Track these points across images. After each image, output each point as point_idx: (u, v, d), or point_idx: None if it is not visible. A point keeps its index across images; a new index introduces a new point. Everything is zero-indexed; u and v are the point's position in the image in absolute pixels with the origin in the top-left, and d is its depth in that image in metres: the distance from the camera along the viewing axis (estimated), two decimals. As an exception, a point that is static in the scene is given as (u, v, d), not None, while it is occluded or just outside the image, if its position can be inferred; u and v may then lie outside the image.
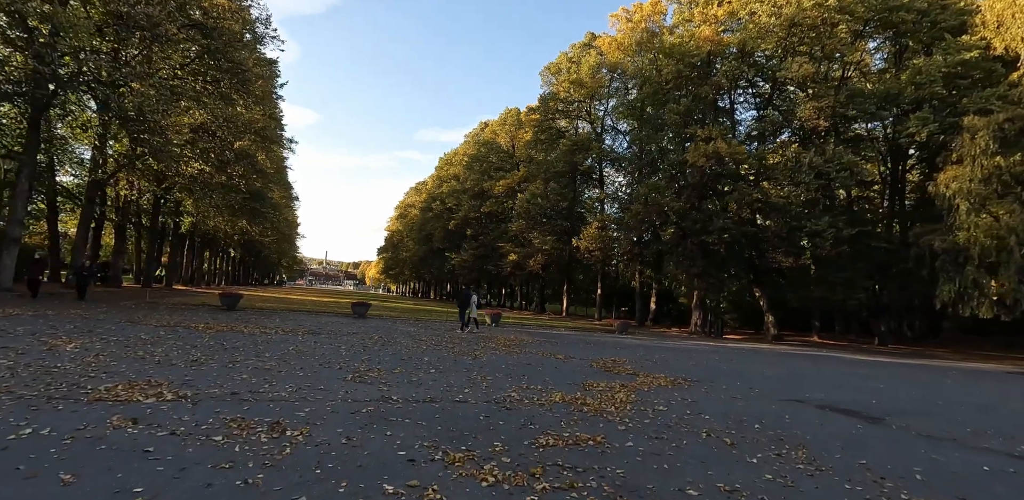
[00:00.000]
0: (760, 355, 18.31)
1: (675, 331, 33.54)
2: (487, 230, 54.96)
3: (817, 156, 24.72)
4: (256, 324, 14.27)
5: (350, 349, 10.66)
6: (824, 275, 27.66)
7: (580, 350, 14.79)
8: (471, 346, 13.27)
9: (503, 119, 56.92)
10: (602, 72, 37.98)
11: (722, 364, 13.86)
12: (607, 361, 12.21)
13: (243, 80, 26.83)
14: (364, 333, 14.44)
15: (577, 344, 16.92)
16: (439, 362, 9.87)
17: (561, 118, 41.04)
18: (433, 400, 6.47)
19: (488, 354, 11.79)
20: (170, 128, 21.72)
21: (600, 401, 7.11)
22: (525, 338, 17.40)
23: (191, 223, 44.19)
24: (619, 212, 35.56)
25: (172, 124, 22.66)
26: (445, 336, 15.74)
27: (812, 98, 25.60)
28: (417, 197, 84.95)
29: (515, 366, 10.16)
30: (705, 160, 24.77)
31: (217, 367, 7.48)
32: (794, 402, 8.49)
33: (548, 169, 39.49)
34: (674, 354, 15.90)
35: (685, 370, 11.71)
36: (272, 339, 11.26)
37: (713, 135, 25.59)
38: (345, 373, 7.82)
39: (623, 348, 16.67)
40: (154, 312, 15.42)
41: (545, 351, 13.47)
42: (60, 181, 34.91)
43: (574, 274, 48.10)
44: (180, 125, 22.84)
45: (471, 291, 19.38)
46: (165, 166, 27.06)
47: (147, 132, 20.85)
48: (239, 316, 16.67)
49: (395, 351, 11.00)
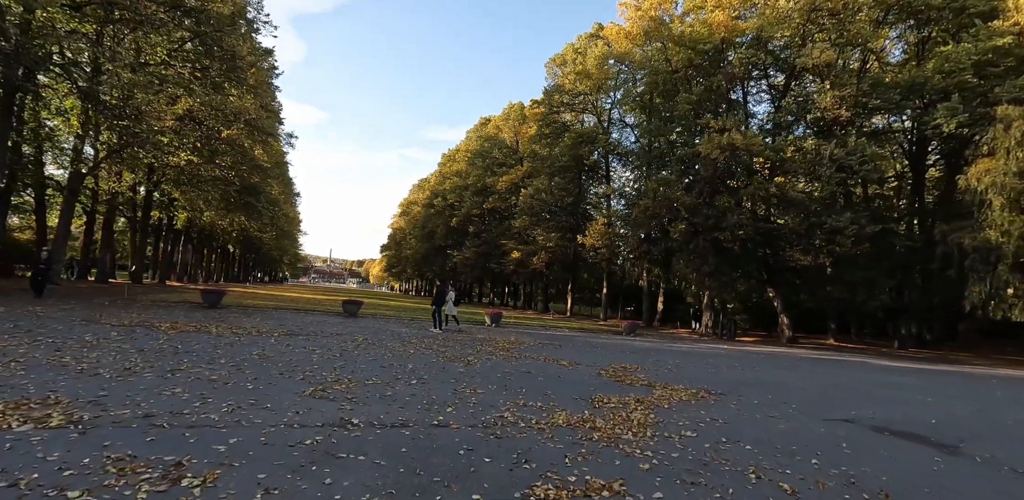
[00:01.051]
0: (781, 360, 16.92)
1: (684, 332, 32.13)
2: (490, 227, 53.65)
3: (839, 148, 23.25)
4: (231, 324, 13.00)
5: (325, 354, 9.36)
6: (842, 275, 26.18)
7: (586, 354, 13.46)
8: (464, 350, 11.96)
9: (506, 114, 55.57)
10: (609, 63, 36.53)
11: (744, 371, 12.50)
12: (617, 368, 10.87)
13: (233, 67, 25.67)
14: (349, 334, 13.15)
15: (583, 347, 15.58)
16: (424, 370, 8.56)
17: (566, 111, 39.61)
18: (405, 424, 5.15)
19: (483, 360, 10.47)
20: (151, 115, 20.49)
21: (613, 424, 5.79)
22: (526, 340, 16.08)
23: (186, 218, 43.16)
24: (626, 208, 34.15)
25: (154, 111, 21.45)
26: (438, 338, 14.43)
27: (833, 87, 24.11)
28: (420, 194, 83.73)
29: (512, 375, 8.84)
30: (719, 152, 23.34)
31: (151, 378, 6.20)
32: (843, 423, 7.13)
33: (552, 164, 38.09)
34: (689, 359, 14.54)
35: (705, 379, 10.36)
36: (239, 341, 9.98)
37: (728, 126, 24.15)
38: (306, 385, 6.52)
39: (632, 352, 15.32)
40: (122, 310, 14.19)
41: (547, 356, 12.14)
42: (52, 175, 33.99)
43: (579, 273, 46.72)
44: (162, 111, 21.57)
45: (447, 287, 17.96)
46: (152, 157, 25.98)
47: (126, 119, 19.65)
48: (217, 315, 15.42)
49: (376, 356, 9.70)
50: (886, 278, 26.00)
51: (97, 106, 18.63)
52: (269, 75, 38.47)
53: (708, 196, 26.72)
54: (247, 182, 35.47)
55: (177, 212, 39.51)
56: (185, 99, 23.23)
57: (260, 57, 36.18)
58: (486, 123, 62.67)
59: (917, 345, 32.05)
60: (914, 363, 20.60)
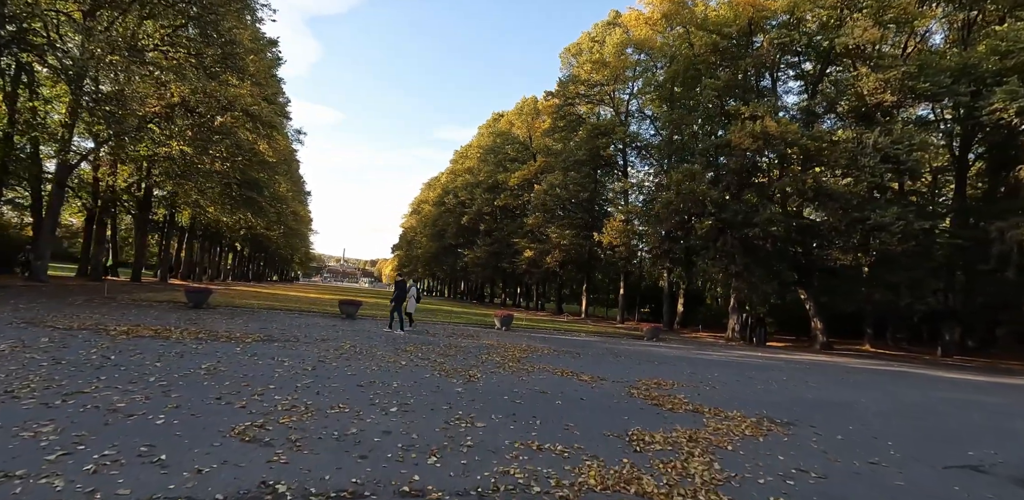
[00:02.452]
0: (830, 372, 14.92)
1: (709, 337, 30.07)
2: (501, 225, 51.91)
3: (883, 136, 21.13)
4: (202, 327, 11.38)
5: (294, 367, 7.65)
6: (883, 275, 23.98)
7: (609, 365, 11.62)
8: (467, 360, 10.19)
9: (519, 108, 53.74)
10: (627, 52, 34.58)
11: (798, 388, 10.57)
12: (650, 385, 9.04)
13: (230, 54, 24.22)
14: (336, 340, 11.46)
15: (604, 356, 13.74)
16: (413, 390, 6.81)
17: (582, 103, 37.67)
18: (358, 495, 3.39)
19: (488, 374, 8.69)
20: (134, 99, 19.04)
21: (669, 485, 3.98)
22: (539, 347, 14.29)
23: (190, 215, 42.05)
24: (646, 204, 32.14)
25: (139, 95, 20.03)
26: (440, 344, 12.68)
27: (877, 69, 21.95)
28: (431, 193, 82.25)
29: (523, 397, 7.05)
30: (751, 141, 21.32)
31: (28, 406, 4.52)
32: (972, 472, 5.25)
33: (568, 158, 36.16)
34: (727, 371, 12.63)
35: (758, 400, 8.50)
36: (195, 350, 8.31)
37: (760, 113, 22.13)
38: (242, 417, 4.80)
39: (662, 362, 13.44)
40: (86, 311, 12.64)
41: (565, 367, 10.33)
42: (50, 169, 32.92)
43: (594, 273, 44.76)
44: (148, 96, 20.13)
45: (408, 281, 15.85)
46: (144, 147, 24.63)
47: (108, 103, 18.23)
48: (196, 316, 13.84)
49: (358, 369, 7.97)
50: (932, 279, 23.74)
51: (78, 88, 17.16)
52: (273, 66, 37.18)
53: (736, 190, 24.70)
54: (248, 176, 34.19)
55: (180, 208, 38.37)
56: (176, 85, 21.83)
57: (263, 46, 34.94)
58: (498, 119, 60.94)
59: (960, 351, 29.71)
60: (974, 374, 18.45)
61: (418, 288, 16.63)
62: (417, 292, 16.08)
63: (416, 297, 15.78)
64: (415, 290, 15.77)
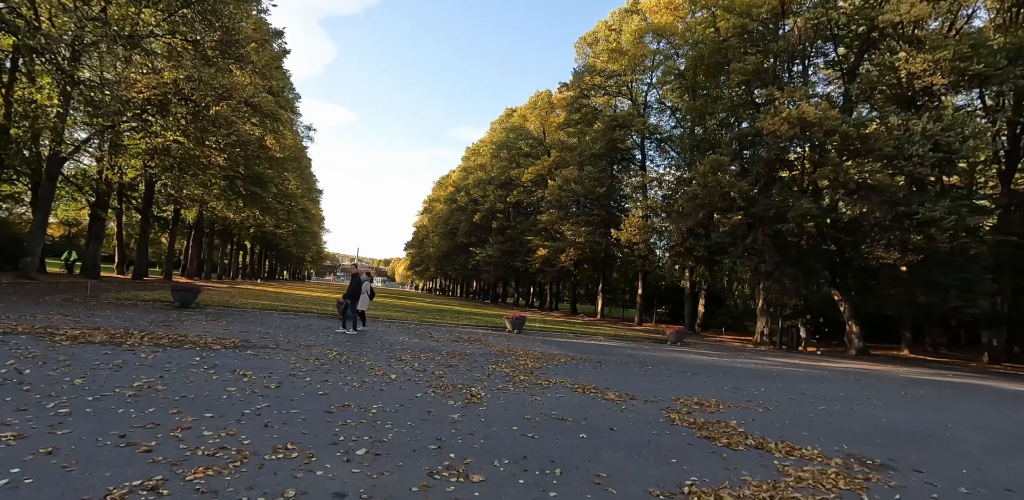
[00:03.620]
0: (887, 384, 13.17)
1: (734, 341, 28.26)
2: (514, 223, 50.38)
3: (933, 122, 19.22)
4: (172, 331, 10.04)
5: (254, 384, 6.21)
6: (928, 275, 21.99)
7: (637, 378, 10.04)
8: (471, 373, 8.68)
9: (533, 102, 52.16)
10: (646, 40, 32.84)
11: (869, 409, 8.89)
12: (691, 406, 7.46)
13: (229, 41, 23.03)
14: (323, 346, 10.03)
15: (628, 364, 12.15)
16: (396, 418, 5.32)
17: (597, 94, 35.95)
18: None
19: (495, 393, 7.17)
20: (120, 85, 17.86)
21: None
22: (555, 353, 12.75)
23: (197, 212, 41.21)
24: (667, 198, 30.33)
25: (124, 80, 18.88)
26: (442, 352, 11.20)
27: (927, 50, 20.01)
28: (442, 191, 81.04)
29: (537, 428, 5.52)
30: (787, 128, 19.52)
31: None
32: None
33: (584, 151, 34.49)
34: (774, 385, 10.97)
35: (831, 428, 6.88)
36: (142, 361, 6.92)
37: (796, 98, 20.33)
38: (132, 471, 3.33)
39: (695, 372, 11.81)
40: (48, 310, 11.38)
41: (586, 382, 8.78)
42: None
43: (610, 272, 43.04)
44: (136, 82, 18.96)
45: (364, 276, 13.90)
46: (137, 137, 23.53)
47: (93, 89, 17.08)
48: (174, 318, 12.53)
49: (333, 387, 6.50)
50: (985, 280, 21.70)
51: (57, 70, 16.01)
52: (279, 58, 36.04)
53: (766, 182, 22.89)
54: (253, 171, 33.09)
55: (185, 205, 37.45)
56: (170, 72, 20.65)
57: (268, 37, 33.80)
58: (511, 114, 59.42)
59: (1008, 358, 27.57)
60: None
61: (372, 285, 14.59)
62: (371, 289, 14.30)
63: (370, 294, 14.03)
64: (369, 286, 14.04)
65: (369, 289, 13.99)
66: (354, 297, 13.15)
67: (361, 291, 13.45)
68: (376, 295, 16.59)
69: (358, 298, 13.26)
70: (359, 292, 13.31)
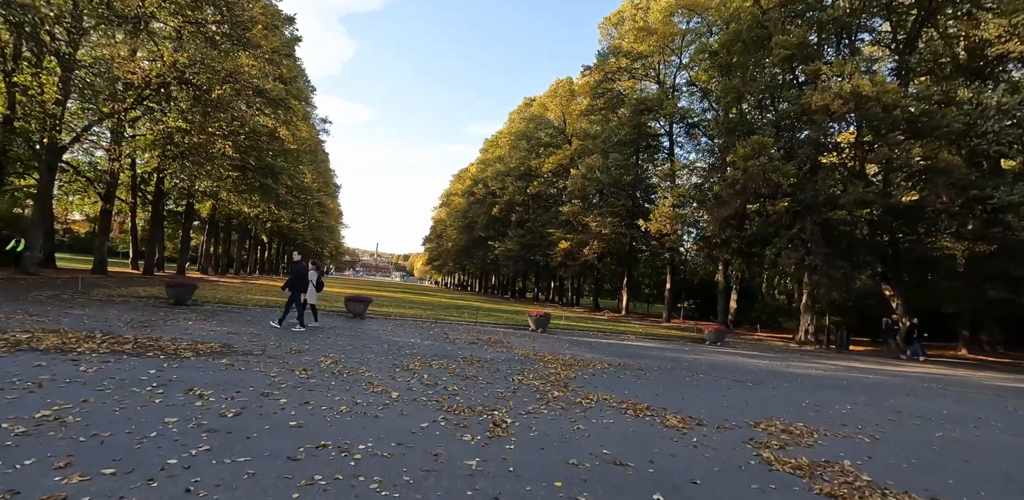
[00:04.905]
0: (982, 395, 11.21)
1: (774, 339, 26.22)
2: (534, 215, 48.63)
3: (1010, 95, 16.96)
4: (145, 334, 8.66)
5: (206, 411, 4.69)
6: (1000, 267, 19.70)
7: (692, 391, 8.33)
8: (493, 387, 7.07)
9: (553, 90, 50.21)
10: (675, 19, 30.71)
11: (994, 433, 7.05)
12: (776, 434, 5.75)
13: (234, 22, 21.73)
14: (318, 351, 8.53)
15: (675, 372, 10.43)
16: (387, 468, 3.72)
17: (623, 77, 33.91)
18: None
19: (524, 419, 5.55)
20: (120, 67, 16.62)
21: None
22: (588, 358, 11.10)
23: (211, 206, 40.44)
24: (700, 186, 28.21)
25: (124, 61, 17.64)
26: (456, 357, 9.63)
27: (1002, 13, 17.69)
28: (459, 184, 79.61)
29: (589, 480, 3.87)
30: (839, 103, 17.44)
31: None
32: None
33: (609, 138, 32.53)
34: (854, 398, 9.17)
35: (972, 468, 5.11)
36: (75, 376, 5.47)
37: (847, 71, 18.21)
38: None
39: (756, 382, 10.03)
40: (21, 308, 10.08)
41: (634, 398, 7.11)
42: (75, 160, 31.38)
43: (635, 266, 41.08)
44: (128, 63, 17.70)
45: (308, 264, 12.09)
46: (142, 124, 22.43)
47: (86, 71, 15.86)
48: (160, 317, 11.19)
49: (313, 413, 4.95)
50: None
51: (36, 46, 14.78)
52: (290, 45, 34.73)
53: (812, 165, 20.78)
54: (264, 162, 31.95)
55: (197, 198, 36.58)
56: (169, 53, 19.37)
57: (278, 22, 32.50)
58: (530, 103, 57.54)
59: (1080, 360, 25.07)
60: None
61: (320, 273, 12.71)
62: (318, 278, 12.43)
63: (317, 284, 12.25)
64: (316, 274, 12.20)
65: (316, 279, 12.20)
66: (296, 288, 11.40)
67: (307, 282, 11.73)
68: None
69: (300, 290, 11.49)
70: (302, 283, 11.51)
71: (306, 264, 11.92)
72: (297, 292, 11.43)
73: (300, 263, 11.91)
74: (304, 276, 11.58)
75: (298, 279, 11.49)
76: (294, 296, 11.41)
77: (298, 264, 11.87)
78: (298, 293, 11.44)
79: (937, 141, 17.26)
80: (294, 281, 11.44)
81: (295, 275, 11.57)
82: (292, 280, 11.47)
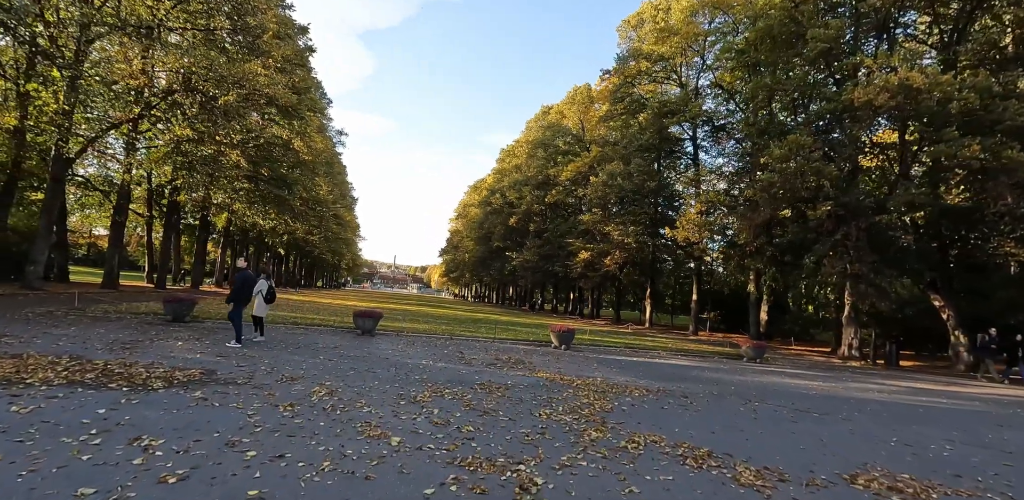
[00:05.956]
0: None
1: (812, 353, 24.48)
2: (552, 225, 47.44)
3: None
4: (126, 355, 7.65)
5: (149, 470, 3.56)
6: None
7: (754, 426, 6.99)
8: (515, 426, 5.85)
9: (571, 98, 49.35)
10: (697, 19, 29.59)
11: None
12: (882, 492, 4.42)
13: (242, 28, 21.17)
14: (314, 378, 7.40)
15: (725, 400, 9.07)
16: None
17: (643, 81, 32.78)
18: None
19: (558, 475, 4.31)
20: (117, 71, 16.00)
21: None
22: (621, 381, 9.80)
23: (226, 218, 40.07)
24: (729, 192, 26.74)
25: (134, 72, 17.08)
26: (473, 385, 8.43)
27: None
28: (475, 195, 78.91)
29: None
30: (886, 97, 16.03)
31: None
32: None
33: (630, 143, 31.30)
34: (947, 432, 7.73)
35: None
36: (12, 419, 4.40)
37: (894, 63, 16.84)
38: None
39: (822, 412, 8.62)
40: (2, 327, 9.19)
41: (690, 441, 5.82)
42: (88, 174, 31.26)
43: (659, 276, 39.50)
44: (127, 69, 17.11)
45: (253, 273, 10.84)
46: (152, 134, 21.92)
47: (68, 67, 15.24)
48: (150, 336, 10.23)
49: (284, 473, 3.79)
50: None
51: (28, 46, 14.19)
52: (303, 55, 34.36)
53: (853, 166, 19.30)
54: (277, 173, 31.43)
55: (211, 211, 36.19)
56: (176, 59, 18.81)
57: (291, 31, 32.18)
58: (547, 111, 56.75)
59: None
60: None
61: (271, 283, 11.20)
62: (269, 288, 11.03)
63: (267, 295, 10.94)
64: (266, 284, 10.88)
65: (267, 289, 10.91)
66: (240, 300, 10.07)
67: (255, 293, 10.54)
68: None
69: (245, 302, 10.20)
70: (247, 294, 10.19)
71: (251, 272, 10.57)
72: (240, 304, 10.05)
73: (244, 271, 10.54)
74: (248, 285, 10.21)
75: (242, 289, 10.08)
76: (236, 309, 10.00)
77: (241, 272, 10.49)
78: (238, 303, 10.04)
79: (998, 136, 15.72)
80: (238, 291, 10.06)
81: (239, 284, 10.15)
82: (235, 290, 10.08)
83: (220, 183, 24.24)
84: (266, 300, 10.96)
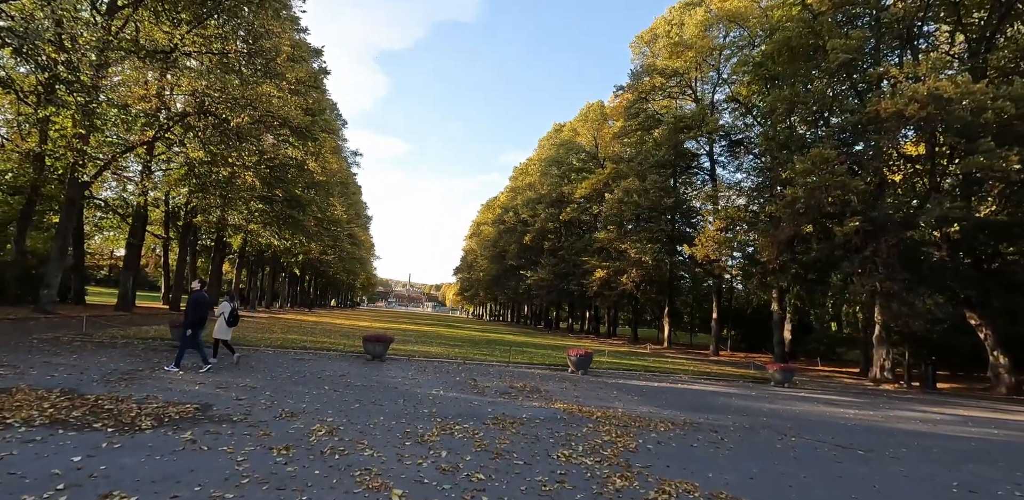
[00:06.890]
0: None
1: (841, 375, 23.39)
2: (567, 243, 46.89)
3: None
4: (121, 388, 7.27)
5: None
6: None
7: (796, 470, 6.30)
8: (529, 472, 5.27)
9: (584, 115, 49.25)
10: (712, 33, 29.34)
11: None
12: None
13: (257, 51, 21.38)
14: (314, 413, 6.92)
15: (759, 435, 8.37)
16: None
17: (657, 96, 32.49)
18: None
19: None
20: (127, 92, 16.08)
21: None
22: (644, 412, 9.15)
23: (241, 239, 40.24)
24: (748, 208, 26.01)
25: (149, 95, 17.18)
26: (486, 418, 7.87)
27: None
28: (490, 214, 78.84)
29: None
30: (915, 108, 15.41)
31: None
32: None
33: (645, 159, 30.86)
34: (1012, 474, 6.95)
35: None
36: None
37: (922, 72, 16.27)
38: None
39: (867, 448, 7.87)
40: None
41: (728, 491, 5.18)
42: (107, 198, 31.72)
43: (677, 294, 38.58)
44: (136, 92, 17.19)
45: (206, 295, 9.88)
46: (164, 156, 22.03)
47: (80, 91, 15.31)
48: (153, 364, 9.90)
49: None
50: None
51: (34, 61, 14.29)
52: (318, 77, 34.77)
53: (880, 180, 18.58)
54: (291, 194, 31.48)
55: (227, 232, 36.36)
56: (188, 82, 18.94)
57: (305, 53, 32.60)
58: (560, 129, 56.71)
59: None
60: None
61: (235, 305, 10.73)
62: (233, 311, 10.60)
63: (228, 318, 10.55)
64: (229, 307, 10.51)
65: (229, 312, 10.48)
66: (195, 324, 9.44)
67: (216, 315, 10.24)
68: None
69: (200, 326, 9.56)
70: (200, 316, 9.53)
71: (206, 293, 10.00)
72: (194, 326, 9.44)
73: (197, 292, 9.86)
74: (200, 307, 9.59)
75: (194, 312, 9.44)
76: (195, 333, 9.43)
77: (194, 293, 9.81)
78: (194, 328, 9.44)
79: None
80: (190, 314, 9.44)
81: (190, 307, 9.52)
82: (187, 313, 9.48)
83: (235, 204, 24.24)
84: (228, 323, 10.65)
